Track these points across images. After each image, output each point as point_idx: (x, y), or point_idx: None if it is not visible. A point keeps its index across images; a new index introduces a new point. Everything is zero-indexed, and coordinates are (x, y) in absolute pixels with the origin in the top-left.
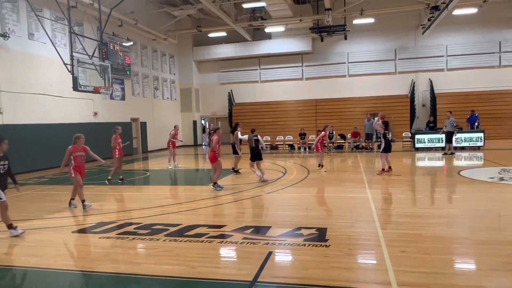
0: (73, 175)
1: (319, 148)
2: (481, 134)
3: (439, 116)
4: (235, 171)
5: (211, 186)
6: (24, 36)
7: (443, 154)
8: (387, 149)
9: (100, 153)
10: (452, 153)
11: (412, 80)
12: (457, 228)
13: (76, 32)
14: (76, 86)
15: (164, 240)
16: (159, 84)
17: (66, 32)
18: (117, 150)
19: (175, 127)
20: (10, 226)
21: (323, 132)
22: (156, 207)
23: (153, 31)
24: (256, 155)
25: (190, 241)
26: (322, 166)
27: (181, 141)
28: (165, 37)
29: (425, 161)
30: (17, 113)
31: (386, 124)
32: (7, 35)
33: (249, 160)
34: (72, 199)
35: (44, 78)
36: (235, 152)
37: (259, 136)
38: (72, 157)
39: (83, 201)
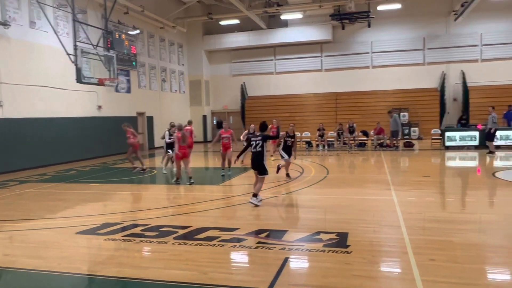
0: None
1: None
2: None
3: (472, 111)
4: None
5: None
6: (25, 25)
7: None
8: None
9: (106, 149)
10: (490, 152)
11: (443, 71)
12: (492, 235)
13: (80, 20)
14: (79, 78)
15: (173, 243)
16: (167, 76)
17: (69, 20)
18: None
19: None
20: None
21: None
22: (163, 207)
23: (161, 18)
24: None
25: (200, 245)
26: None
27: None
28: (174, 25)
29: (456, 161)
30: (17, 106)
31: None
32: (8, 23)
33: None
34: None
35: (46, 69)
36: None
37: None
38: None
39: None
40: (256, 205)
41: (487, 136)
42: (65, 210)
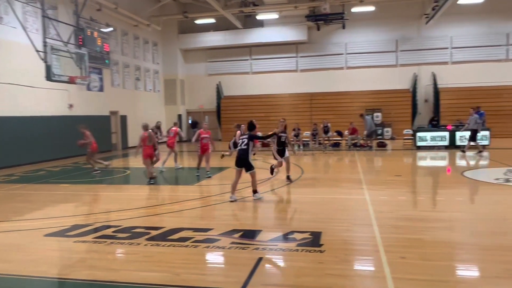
0: None
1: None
2: (487, 132)
3: (443, 112)
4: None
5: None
6: None
7: (478, 152)
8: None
9: (77, 149)
10: (463, 151)
11: (414, 73)
12: (460, 232)
13: (50, 16)
14: (49, 76)
15: (145, 245)
16: (141, 75)
17: (38, 16)
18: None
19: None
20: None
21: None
22: (136, 208)
23: (135, 16)
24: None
25: (173, 246)
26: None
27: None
28: (148, 23)
29: (427, 161)
30: None
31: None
32: None
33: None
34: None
35: (14, 66)
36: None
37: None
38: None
39: None
40: (259, 199)
41: (471, 136)
42: (33, 211)
